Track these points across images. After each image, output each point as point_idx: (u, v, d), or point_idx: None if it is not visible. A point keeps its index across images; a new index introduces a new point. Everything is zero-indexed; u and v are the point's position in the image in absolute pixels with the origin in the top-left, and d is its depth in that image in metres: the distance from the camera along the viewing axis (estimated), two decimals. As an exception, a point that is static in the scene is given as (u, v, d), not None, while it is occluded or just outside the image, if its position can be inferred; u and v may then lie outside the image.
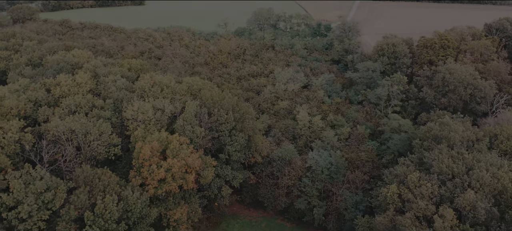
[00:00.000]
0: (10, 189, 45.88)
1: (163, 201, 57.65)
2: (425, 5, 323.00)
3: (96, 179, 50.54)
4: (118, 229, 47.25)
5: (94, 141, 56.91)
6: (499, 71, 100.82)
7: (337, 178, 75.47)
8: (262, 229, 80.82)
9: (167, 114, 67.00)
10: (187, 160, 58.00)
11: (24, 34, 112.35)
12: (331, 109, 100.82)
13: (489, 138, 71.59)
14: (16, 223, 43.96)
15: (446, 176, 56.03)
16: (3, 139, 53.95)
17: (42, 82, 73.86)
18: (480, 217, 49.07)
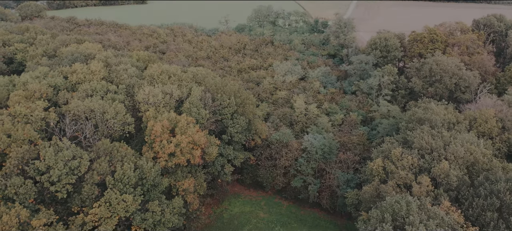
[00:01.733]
0: (41, 158, 52.55)
1: (172, 173, 64.39)
2: (422, 4, 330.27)
3: (115, 150, 57.35)
4: (135, 193, 53.96)
5: (111, 119, 63.62)
6: (484, 63, 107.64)
7: (330, 158, 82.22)
8: (261, 207, 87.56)
9: (175, 98, 73.68)
10: (194, 137, 64.71)
11: (37, 29, 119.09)
12: (326, 99, 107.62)
13: (469, 121, 78.48)
14: (47, 185, 50.64)
15: (426, 151, 62.77)
16: (31, 117, 60.71)
17: (60, 70, 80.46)
18: (452, 183, 55.82)
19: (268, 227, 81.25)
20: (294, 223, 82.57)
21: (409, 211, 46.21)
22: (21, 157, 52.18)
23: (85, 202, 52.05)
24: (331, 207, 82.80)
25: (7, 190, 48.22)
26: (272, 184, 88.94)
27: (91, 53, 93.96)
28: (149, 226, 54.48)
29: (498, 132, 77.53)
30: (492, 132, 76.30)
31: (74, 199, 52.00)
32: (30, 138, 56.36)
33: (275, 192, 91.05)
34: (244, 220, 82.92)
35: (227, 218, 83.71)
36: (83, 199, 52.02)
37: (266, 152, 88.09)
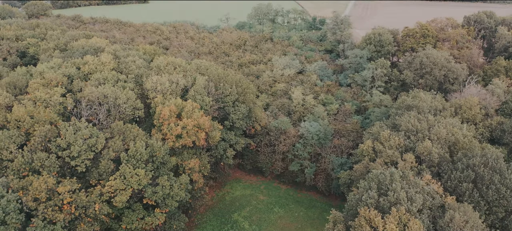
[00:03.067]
0: (62, 136, 58.22)
1: (179, 154, 70.07)
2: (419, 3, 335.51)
3: (127, 130, 63.02)
4: (146, 168, 59.63)
5: (123, 104, 69.29)
6: (472, 56, 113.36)
7: (325, 143, 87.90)
8: (261, 190, 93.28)
9: (181, 86, 79.37)
10: (199, 121, 70.41)
11: (47, 25, 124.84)
12: (322, 91, 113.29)
13: (455, 108, 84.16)
14: (68, 160, 56.31)
15: (412, 132, 68.42)
16: (50, 101, 66.40)
17: (72, 62, 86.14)
18: (434, 160, 61.47)
19: (267, 208, 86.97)
20: (291, 204, 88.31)
21: (393, 180, 51.87)
22: (44, 135, 57.85)
23: (102, 176, 57.73)
24: (326, 189, 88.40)
25: (33, 163, 53.86)
26: (271, 169, 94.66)
27: (100, 46, 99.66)
28: (159, 198, 60.13)
29: (482, 118, 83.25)
30: (476, 118, 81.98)
31: (92, 173, 57.67)
32: (50, 119, 62.01)
33: (274, 177, 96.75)
34: (245, 202, 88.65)
35: (229, 200, 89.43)
36: (100, 173, 57.70)
37: (266, 138, 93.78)
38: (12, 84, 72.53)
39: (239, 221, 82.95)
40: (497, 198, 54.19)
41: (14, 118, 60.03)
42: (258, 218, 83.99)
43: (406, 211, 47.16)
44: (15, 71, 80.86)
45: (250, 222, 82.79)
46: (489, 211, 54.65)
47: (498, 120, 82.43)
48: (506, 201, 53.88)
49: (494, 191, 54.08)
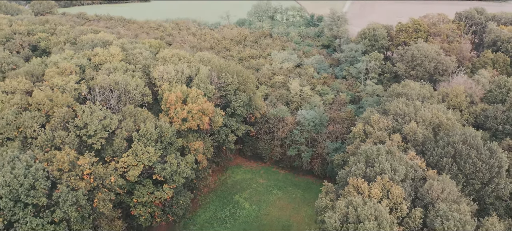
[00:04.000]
0: (78, 117, 63.92)
1: (185, 136, 75.81)
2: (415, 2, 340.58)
3: (138, 113, 68.75)
4: (156, 147, 65.37)
5: (132, 90, 75.02)
6: (461, 49, 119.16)
7: (321, 130, 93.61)
8: (260, 175, 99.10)
9: (185, 75, 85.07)
10: (203, 106, 76.16)
11: (56, 21, 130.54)
12: (319, 82, 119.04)
13: (442, 96, 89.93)
14: (85, 139, 62.05)
15: (399, 116, 74.18)
16: (66, 87, 72.13)
17: (83, 54, 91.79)
18: (419, 139, 67.18)
19: (266, 190, 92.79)
20: (289, 187, 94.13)
21: (379, 154, 57.61)
22: (62, 116, 63.57)
23: (115, 153, 63.42)
24: (321, 173, 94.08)
25: (55, 140, 59.55)
26: (270, 155, 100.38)
27: (108, 40, 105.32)
28: (167, 174, 65.84)
29: (467, 105, 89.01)
30: (461, 105, 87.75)
31: (107, 150, 63.37)
32: (67, 103, 67.75)
33: (273, 162, 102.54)
34: (246, 185, 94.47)
35: (230, 183, 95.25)
36: (114, 150, 63.39)
37: (265, 126, 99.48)
38: (30, 73, 78.22)
39: (240, 202, 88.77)
40: (474, 171, 59.93)
41: (35, 101, 65.74)
42: (258, 199, 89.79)
43: (389, 179, 52.90)
44: (31, 62, 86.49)
45: (251, 202, 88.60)
46: (466, 183, 60.37)
47: (482, 107, 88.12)
48: (482, 174, 59.60)
49: (471, 165, 59.82)
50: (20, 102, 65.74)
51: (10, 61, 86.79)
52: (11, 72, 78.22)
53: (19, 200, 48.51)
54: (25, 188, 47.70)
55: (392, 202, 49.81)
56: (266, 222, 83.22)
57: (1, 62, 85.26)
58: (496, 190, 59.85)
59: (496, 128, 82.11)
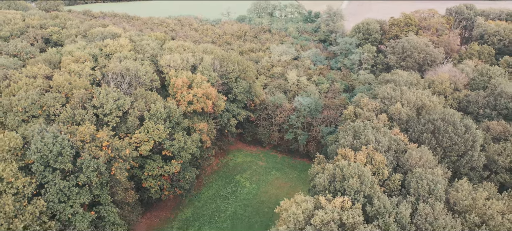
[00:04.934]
0: (95, 98, 70.82)
1: (190, 118, 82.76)
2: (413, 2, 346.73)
3: (148, 95, 75.68)
4: (165, 125, 72.32)
5: (142, 76, 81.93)
6: (449, 42, 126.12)
7: (316, 115, 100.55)
8: (260, 158, 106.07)
9: (190, 63, 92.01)
10: (207, 90, 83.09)
11: (65, 16, 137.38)
12: (315, 73, 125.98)
13: (428, 83, 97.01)
14: (101, 117, 68.99)
15: (387, 99, 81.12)
16: (82, 73, 79.04)
17: (95, 44, 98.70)
18: (403, 118, 74.15)
19: (265, 171, 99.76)
20: (287, 169, 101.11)
21: (365, 128, 64.55)
22: (81, 97, 70.46)
23: (129, 130, 70.34)
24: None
25: (75, 117, 66.47)
26: (269, 140, 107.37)
27: (117, 33, 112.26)
28: (175, 150, 72.74)
29: (451, 91, 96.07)
30: (446, 91, 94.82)
31: (121, 128, 70.27)
32: (84, 86, 74.67)
33: (272, 147, 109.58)
34: (246, 167, 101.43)
35: (231, 166, 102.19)
36: (128, 128, 70.32)
37: (264, 112, 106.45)
38: (48, 61, 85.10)
39: (241, 181, 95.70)
40: (450, 144, 66.88)
41: (55, 84, 72.63)
42: (257, 179, 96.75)
43: (373, 149, 59.84)
44: (47, 51, 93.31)
45: (251, 182, 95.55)
46: (444, 155, 67.32)
47: (465, 93, 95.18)
48: (458, 147, 66.52)
49: (448, 139, 66.78)
50: (42, 85, 72.67)
51: (28, 51, 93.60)
52: (31, 60, 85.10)
53: (49, 166, 55.34)
54: (53, 154, 54.53)
55: (375, 167, 56.74)
56: (265, 199, 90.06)
57: (21, 52, 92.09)
58: (470, 161, 66.79)
59: (478, 111, 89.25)
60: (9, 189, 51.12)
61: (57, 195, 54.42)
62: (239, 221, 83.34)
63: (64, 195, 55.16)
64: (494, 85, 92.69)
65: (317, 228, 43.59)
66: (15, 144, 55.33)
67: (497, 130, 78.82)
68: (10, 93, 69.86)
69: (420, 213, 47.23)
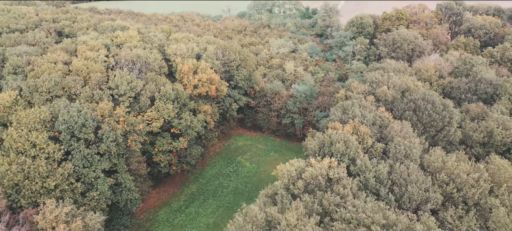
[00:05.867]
0: (110, 81, 78.63)
1: (196, 101, 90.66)
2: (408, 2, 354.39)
3: (158, 79, 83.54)
4: (174, 105, 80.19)
5: (152, 62, 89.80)
6: (438, 34, 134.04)
7: (311, 101, 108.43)
8: (259, 141, 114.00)
9: (195, 52, 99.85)
10: (211, 76, 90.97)
11: (75, 11, 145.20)
12: (311, 64, 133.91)
13: (415, 71, 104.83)
14: (117, 97, 76.86)
15: (375, 83, 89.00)
16: (97, 59, 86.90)
17: (106, 35, 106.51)
18: (388, 99, 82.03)
19: (264, 153, 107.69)
20: (284, 151, 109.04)
21: (353, 105, 72.44)
22: (98, 80, 78.36)
23: (142, 109, 78.21)
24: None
25: (94, 96, 74.35)
26: (268, 125, 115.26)
27: (126, 26, 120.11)
28: (183, 128, 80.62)
29: (436, 78, 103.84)
30: (431, 78, 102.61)
31: (134, 107, 78.14)
32: (100, 70, 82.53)
33: (270, 132, 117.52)
34: (246, 149, 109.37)
35: (233, 148, 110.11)
36: (140, 107, 78.20)
37: (263, 99, 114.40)
38: (65, 49, 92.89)
39: (242, 162, 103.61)
40: (429, 121, 74.75)
41: (74, 68, 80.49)
42: (257, 160, 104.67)
43: (359, 122, 67.72)
44: (63, 41, 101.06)
45: (251, 162, 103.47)
46: (424, 130, 75.22)
47: (449, 80, 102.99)
48: (436, 123, 74.39)
49: (427, 116, 74.66)
50: (62, 69, 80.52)
51: (46, 41, 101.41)
52: (50, 48, 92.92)
53: (74, 135, 63.09)
54: (78, 125, 62.28)
55: (360, 137, 64.61)
56: (264, 177, 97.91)
57: (39, 41, 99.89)
58: (447, 135, 74.68)
59: (460, 96, 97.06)
60: (41, 154, 58.99)
61: (81, 161, 62.28)
62: (240, 195, 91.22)
63: (88, 161, 63.01)
64: (475, 73, 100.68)
65: (307, 182, 51.47)
66: (45, 116, 63.18)
67: (476, 111, 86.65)
68: (35, 76, 77.71)
69: (396, 171, 55.13)
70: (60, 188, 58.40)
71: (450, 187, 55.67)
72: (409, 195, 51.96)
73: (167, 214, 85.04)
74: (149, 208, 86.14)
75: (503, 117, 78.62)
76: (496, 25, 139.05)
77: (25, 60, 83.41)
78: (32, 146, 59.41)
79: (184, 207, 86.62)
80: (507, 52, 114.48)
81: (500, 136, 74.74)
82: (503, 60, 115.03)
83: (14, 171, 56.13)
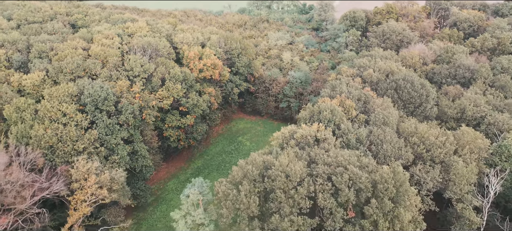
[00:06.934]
0: (125, 63, 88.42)
1: (201, 84, 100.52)
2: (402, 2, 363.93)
3: (167, 62, 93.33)
4: (182, 85, 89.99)
5: (161, 49, 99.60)
6: (425, 27, 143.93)
7: (306, 86, 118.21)
8: (259, 124, 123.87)
9: (200, 41, 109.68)
10: (214, 61, 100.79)
11: (86, 5, 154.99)
12: (307, 54, 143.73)
13: (401, 58, 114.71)
14: (132, 78, 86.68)
15: (362, 67, 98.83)
16: (112, 45, 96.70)
17: (118, 26, 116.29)
18: (373, 80, 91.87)
19: (263, 134, 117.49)
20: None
21: (341, 84, 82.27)
22: (114, 63, 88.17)
23: (154, 88, 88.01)
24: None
25: (112, 76, 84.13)
26: (266, 109, 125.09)
27: (135, 18, 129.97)
28: (190, 106, 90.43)
29: (420, 65, 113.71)
30: (415, 64, 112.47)
31: (147, 86, 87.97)
32: (116, 55, 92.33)
33: (269, 116, 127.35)
34: (247, 131, 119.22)
35: (234, 130, 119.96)
36: (152, 86, 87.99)
37: (262, 86, 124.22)
38: (82, 37, 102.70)
39: (242, 141, 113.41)
40: (409, 98, 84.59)
41: (93, 53, 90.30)
42: (256, 139, 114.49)
43: (345, 97, 77.55)
44: (80, 31, 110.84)
45: (251, 141, 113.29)
46: (404, 106, 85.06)
47: (432, 66, 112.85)
48: (414, 99, 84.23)
49: (406, 93, 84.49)
50: (82, 54, 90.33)
51: (64, 31, 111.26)
52: (69, 37, 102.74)
53: (97, 107, 72.82)
54: (101, 98, 72.03)
55: (346, 109, 74.45)
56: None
57: (57, 31, 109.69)
58: (424, 111, 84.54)
59: (441, 81, 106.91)
60: (71, 122, 68.80)
61: (104, 129, 72.07)
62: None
63: (109, 130, 72.81)
64: (456, 60, 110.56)
65: (298, 141, 61.29)
66: (72, 91, 72.97)
67: (453, 93, 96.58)
68: (59, 60, 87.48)
69: (374, 133, 64.99)
70: (88, 151, 68.14)
71: (420, 148, 65.52)
72: (384, 152, 61.80)
73: (175, 184, 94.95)
74: (160, 179, 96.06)
75: (475, 96, 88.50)
76: (480, 19, 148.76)
77: (48, 46, 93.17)
78: (63, 115, 69.18)
79: (190, 179, 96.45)
80: (487, 42, 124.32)
81: (471, 111, 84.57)
82: (483, 49, 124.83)
83: (49, 135, 65.85)
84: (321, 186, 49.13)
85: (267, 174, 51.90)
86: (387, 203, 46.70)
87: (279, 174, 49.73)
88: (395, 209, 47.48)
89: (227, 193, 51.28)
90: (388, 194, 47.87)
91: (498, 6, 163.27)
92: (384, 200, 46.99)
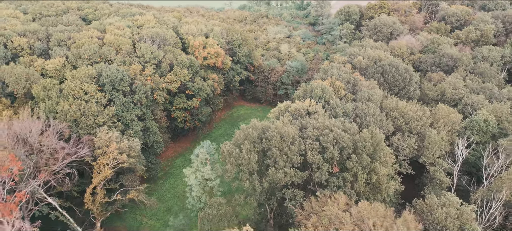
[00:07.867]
0: (137, 51, 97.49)
1: (205, 70, 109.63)
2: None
3: (175, 50, 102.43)
4: (188, 71, 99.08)
5: (169, 39, 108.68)
6: (414, 21, 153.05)
7: (302, 75, 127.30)
8: (258, 111, 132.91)
9: (204, 32, 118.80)
10: (217, 50, 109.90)
11: (94, 1, 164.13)
12: (303, 47, 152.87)
13: (390, 48, 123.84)
14: (143, 63, 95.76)
15: (353, 55, 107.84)
16: (124, 35, 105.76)
17: (128, 19, 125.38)
18: (363, 66, 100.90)
19: (262, 119, 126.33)
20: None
21: (332, 68, 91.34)
22: (127, 50, 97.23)
23: (163, 73, 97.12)
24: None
25: (125, 62, 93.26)
26: (265, 97, 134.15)
27: (142, 12, 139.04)
28: (195, 90, 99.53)
29: (408, 55, 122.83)
30: (403, 54, 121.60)
31: (157, 71, 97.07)
32: (128, 43, 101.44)
33: (268, 104, 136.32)
34: (247, 116, 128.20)
35: (235, 116, 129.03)
36: (162, 71, 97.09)
37: (261, 75, 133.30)
38: (96, 28, 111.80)
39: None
40: (393, 81, 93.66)
41: (107, 41, 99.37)
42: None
43: (336, 79, 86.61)
44: (92, 23, 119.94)
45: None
46: (389, 89, 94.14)
47: (419, 56, 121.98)
48: (398, 82, 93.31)
49: (391, 77, 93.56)
50: (97, 42, 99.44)
51: (78, 23, 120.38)
52: (84, 27, 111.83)
53: (114, 87, 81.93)
54: (118, 79, 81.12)
55: (335, 89, 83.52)
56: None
57: (72, 23, 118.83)
58: (408, 93, 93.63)
59: (427, 69, 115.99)
60: (92, 99, 77.89)
61: (120, 106, 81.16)
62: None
63: (125, 107, 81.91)
64: (440, 50, 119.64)
65: (292, 113, 70.36)
66: (92, 73, 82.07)
67: (436, 78, 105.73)
68: (77, 47, 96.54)
69: (359, 108, 74.09)
70: (107, 124, 77.22)
71: (400, 121, 74.60)
72: (367, 123, 70.89)
73: (182, 162, 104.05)
74: (168, 157, 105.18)
75: (454, 80, 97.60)
76: (467, 13, 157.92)
77: (66, 35, 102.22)
78: (84, 93, 78.27)
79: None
80: (471, 34, 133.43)
81: (450, 93, 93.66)
82: (467, 40, 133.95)
83: (74, 110, 74.94)
84: (310, 145, 58.10)
85: (264, 136, 60.97)
86: (365, 158, 55.60)
87: (275, 135, 58.77)
88: (372, 164, 56.39)
89: (231, 151, 60.34)
90: (366, 151, 56.79)
91: (485, 2, 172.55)
92: (363, 155, 55.90)
